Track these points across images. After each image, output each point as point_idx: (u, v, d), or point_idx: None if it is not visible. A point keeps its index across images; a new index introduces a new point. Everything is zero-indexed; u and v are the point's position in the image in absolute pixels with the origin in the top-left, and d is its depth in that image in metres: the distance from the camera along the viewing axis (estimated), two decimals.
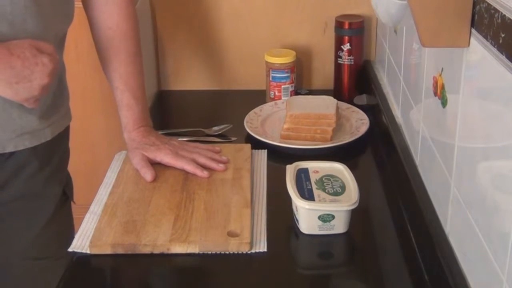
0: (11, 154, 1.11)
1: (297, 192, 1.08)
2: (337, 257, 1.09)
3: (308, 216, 1.07)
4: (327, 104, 1.44)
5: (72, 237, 1.09)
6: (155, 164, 1.24)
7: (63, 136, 1.23)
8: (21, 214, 1.18)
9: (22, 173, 1.15)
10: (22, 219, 1.19)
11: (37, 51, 0.99)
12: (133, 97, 1.26)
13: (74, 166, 1.31)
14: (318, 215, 1.06)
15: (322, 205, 1.06)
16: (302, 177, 1.14)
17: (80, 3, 1.24)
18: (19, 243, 1.20)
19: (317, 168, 1.16)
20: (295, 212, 1.10)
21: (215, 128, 1.48)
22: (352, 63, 1.64)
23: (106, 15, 1.24)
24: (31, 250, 1.21)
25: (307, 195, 1.08)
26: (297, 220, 1.09)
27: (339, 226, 1.07)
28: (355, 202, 1.06)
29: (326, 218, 1.06)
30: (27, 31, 1.03)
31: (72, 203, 1.30)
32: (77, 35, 1.18)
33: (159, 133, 1.34)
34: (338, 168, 1.16)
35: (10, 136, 1.09)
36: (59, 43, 1.16)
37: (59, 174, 1.24)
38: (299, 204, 1.06)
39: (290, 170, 1.14)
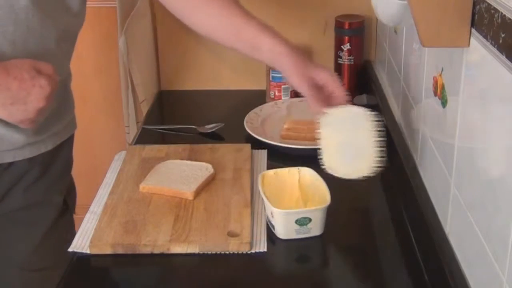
0: (10, 164, 1.09)
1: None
2: (337, 257, 1.09)
3: (284, 221, 1.05)
4: None
5: None
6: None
7: (65, 145, 1.20)
8: (21, 224, 1.17)
9: (21, 182, 1.13)
10: (22, 229, 1.17)
11: (36, 73, 0.95)
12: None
13: (74, 167, 1.30)
14: (296, 219, 1.05)
15: (298, 209, 1.06)
16: None
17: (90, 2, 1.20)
18: (18, 254, 1.18)
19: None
20: (270, 218, 1.08)
21: (208, 126, 1.48)
22: (352, 63, 1.64)
23: None
24: (30, 261, 1.19)
25: None
26: (273, 226, 1.08)
27: (315, 228, 1.06)
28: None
29: (303, 221, 1.05)
30: (27, 51, 1.00)
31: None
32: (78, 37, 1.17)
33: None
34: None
35: (7, 147, 1.06)
36: (65, 53, 1.13)
37: (59, 183, 1.22)
38: (275, 210, 1.05)
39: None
